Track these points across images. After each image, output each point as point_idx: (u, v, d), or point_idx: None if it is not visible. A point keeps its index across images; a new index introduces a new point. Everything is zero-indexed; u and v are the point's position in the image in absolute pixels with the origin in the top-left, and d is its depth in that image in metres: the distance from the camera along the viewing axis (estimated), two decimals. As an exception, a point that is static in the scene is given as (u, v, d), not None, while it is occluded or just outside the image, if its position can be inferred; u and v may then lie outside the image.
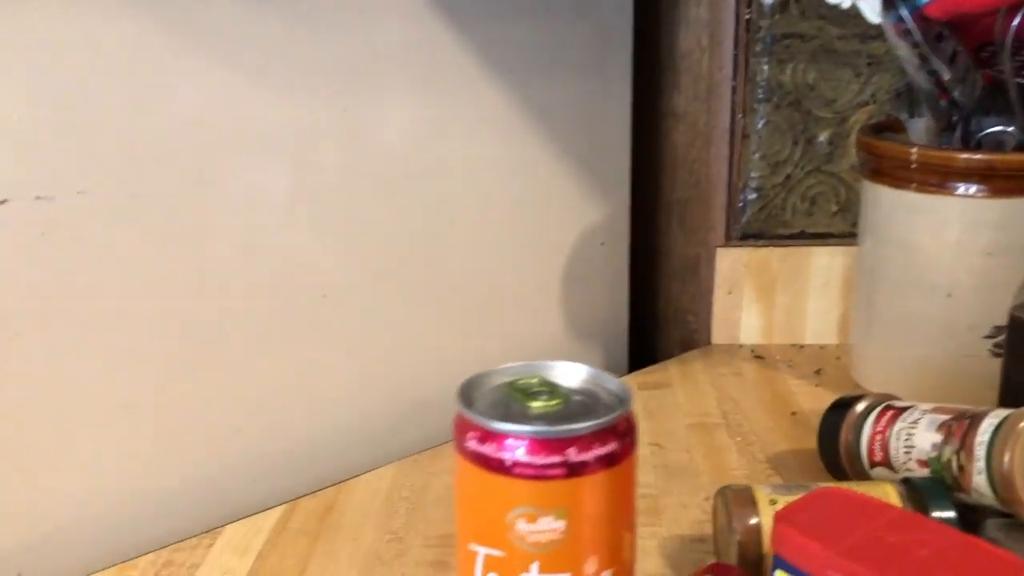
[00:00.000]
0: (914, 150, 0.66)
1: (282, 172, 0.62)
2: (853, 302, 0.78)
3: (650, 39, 0.84)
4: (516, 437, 0.31)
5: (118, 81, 0.54)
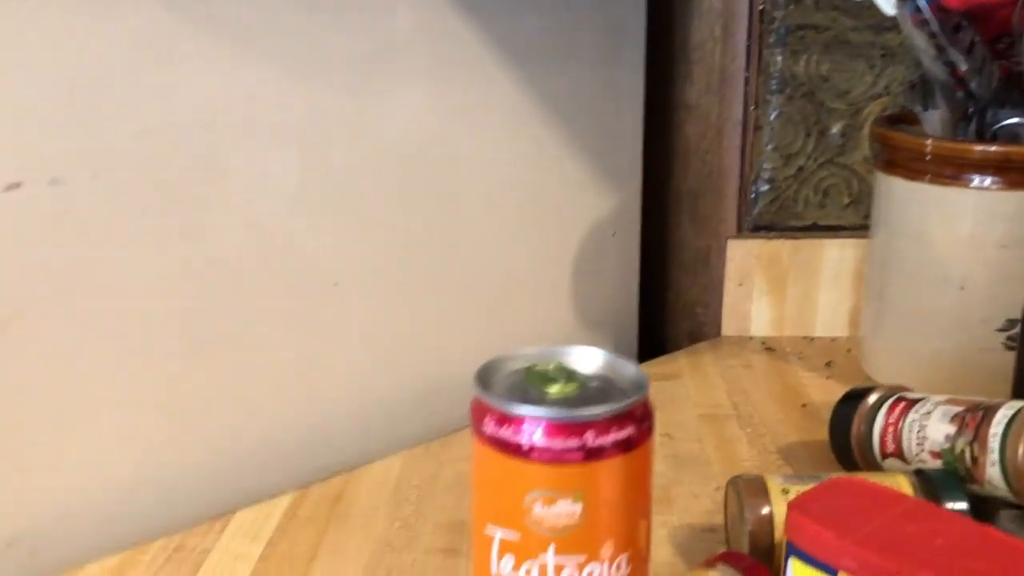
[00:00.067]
0: (929, 142, 0.66)
1: (294, 160, 0.62)
2: (864, 295, 0.77)
3: (663, 30, 0.84)
4: (533, 421, 0.31)
5: (132, 67, 0.54)
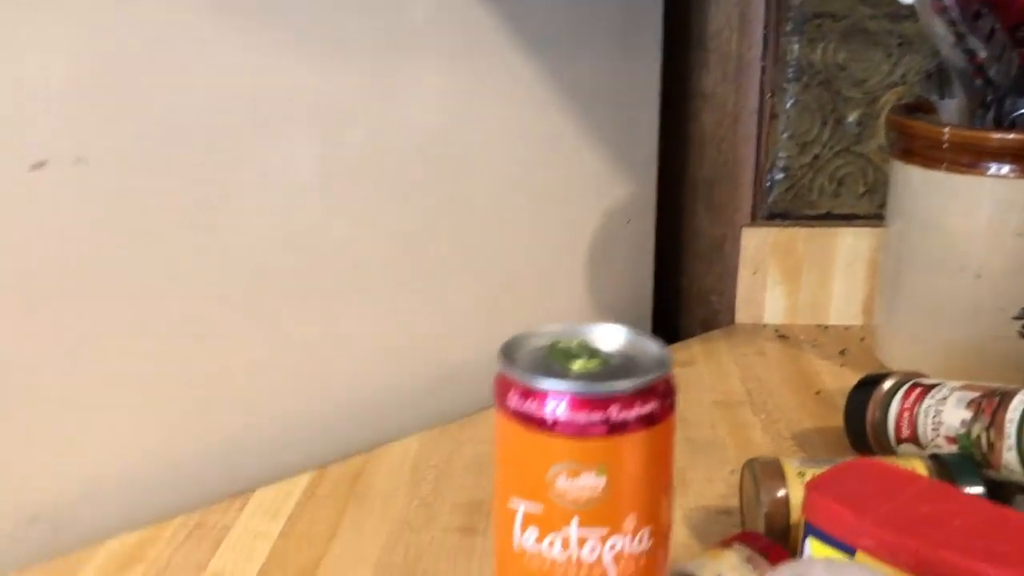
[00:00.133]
0: (946, 130, 0.66)
1: (312, 145, 0.62)
2: (879, 283, 0.77)
3: (679, 18, 0.84)
4: (558, 395, 0.32)
5: (153, 50, 0.54)
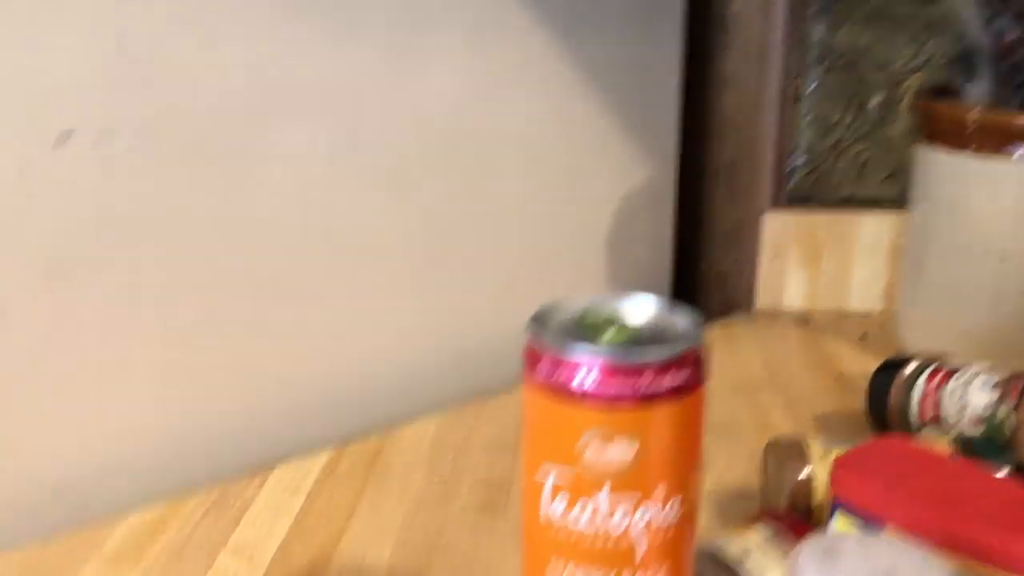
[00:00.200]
0: (973, 112, 0.65)
1: (332, 124, 0.62)
2: (901, 268, 0.77)
3: (701, 0, 0.83)
4: (590, 363, 0.31)
5: (176, 27, 0.54)
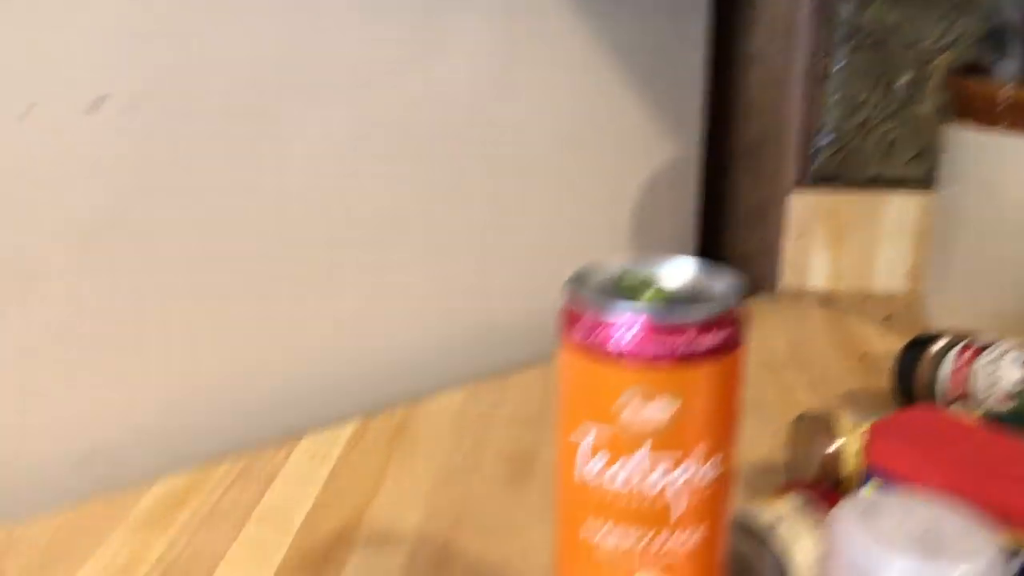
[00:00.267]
0: (1005, 90, 0.65)
1: (358, 102, 0.62)
2: (927, 249, 0.76)
3: (727, -22, 0.83)
4: (629, 322, 0.31)
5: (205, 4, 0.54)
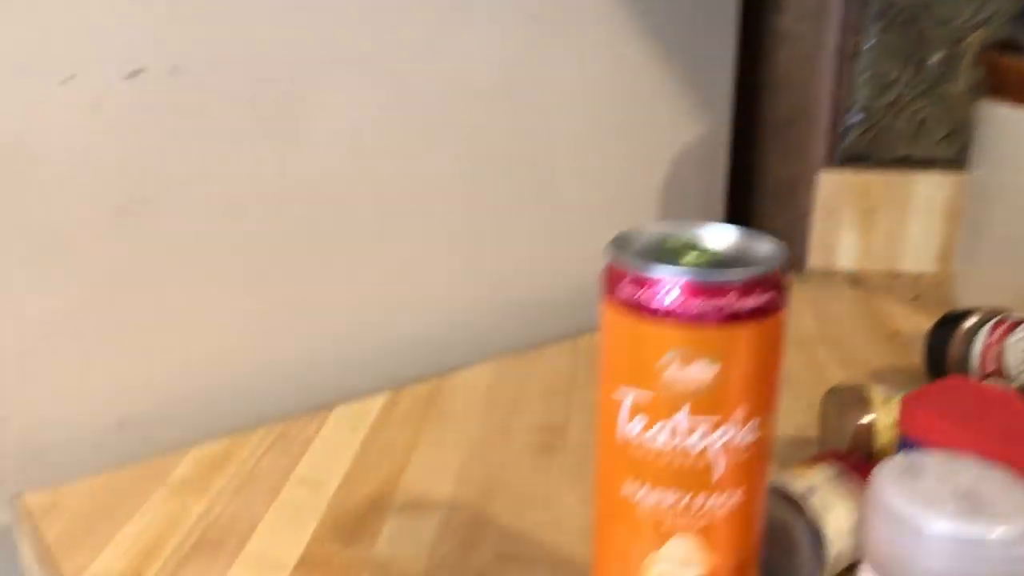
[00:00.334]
0: (1040, 66, 0.64)
1: (385, 81, 0.62)
2: (957, 229, 0.76)
3: (758, -44, 0.83)
4: (673, 282, 0.32)
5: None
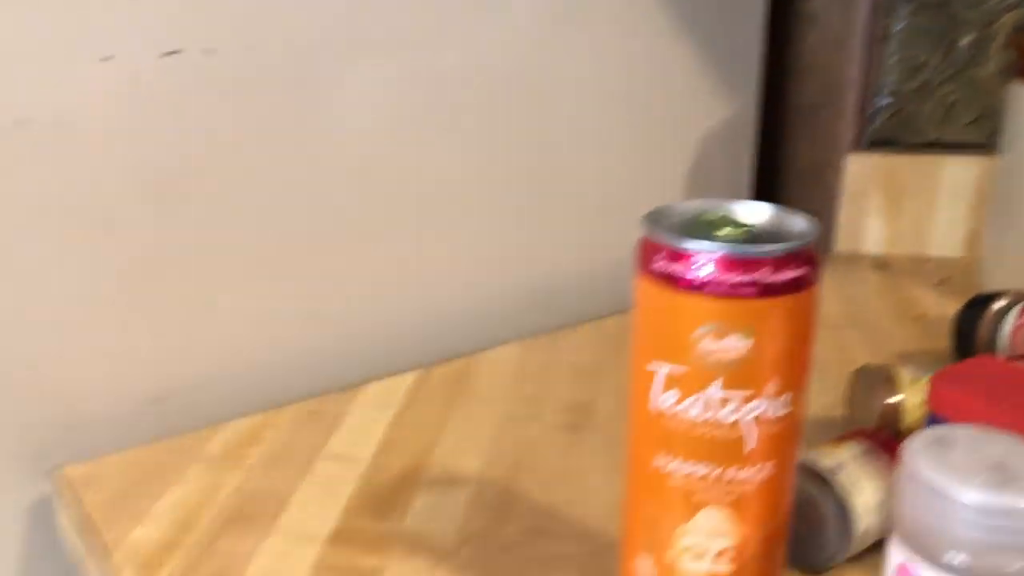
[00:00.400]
0: (1072, 48, 0.64)
1: (411, 63, 0.62)
2: (988, 213, 0.76)
3: (786, -61, 0.82)
4: (708, 255, 0.32)
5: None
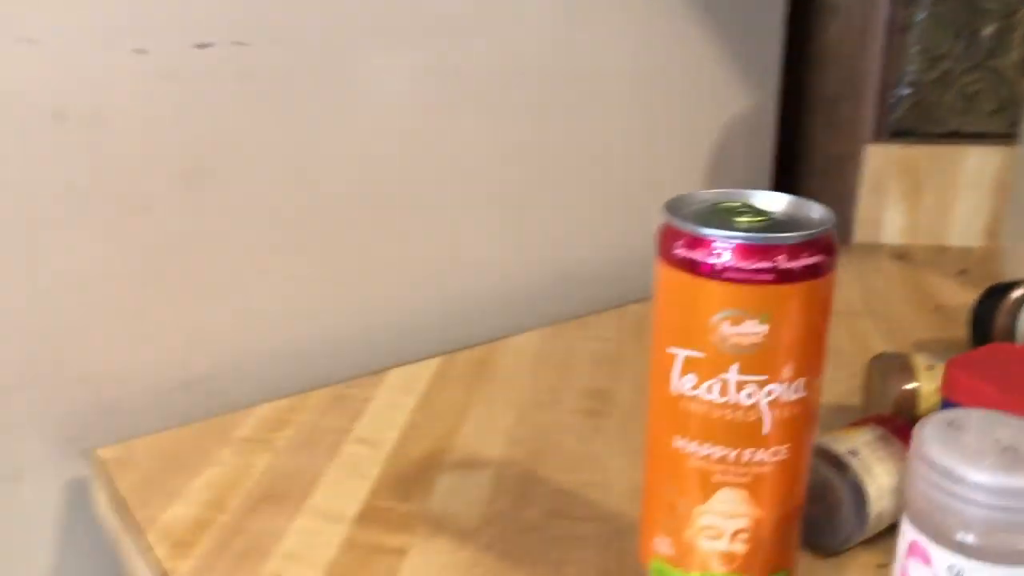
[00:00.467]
0: (1094, 38, 0.64)
1: (429, 51, 0.63)
2: (1008, 203, 0.76)
3: (808, -71, 0.83)
4: (726, 242, 0.33)
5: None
